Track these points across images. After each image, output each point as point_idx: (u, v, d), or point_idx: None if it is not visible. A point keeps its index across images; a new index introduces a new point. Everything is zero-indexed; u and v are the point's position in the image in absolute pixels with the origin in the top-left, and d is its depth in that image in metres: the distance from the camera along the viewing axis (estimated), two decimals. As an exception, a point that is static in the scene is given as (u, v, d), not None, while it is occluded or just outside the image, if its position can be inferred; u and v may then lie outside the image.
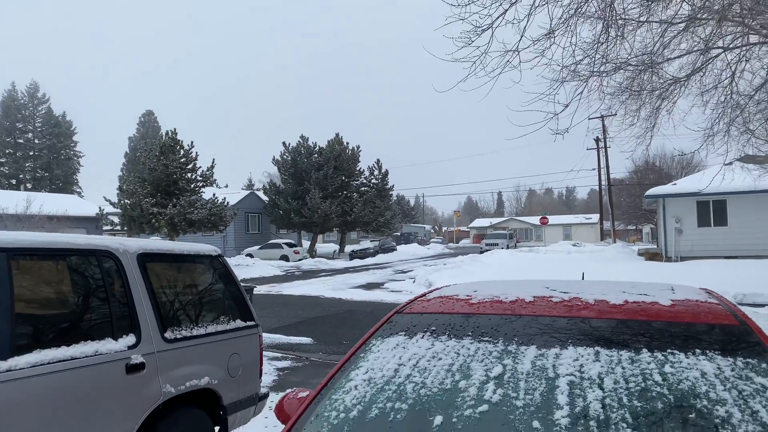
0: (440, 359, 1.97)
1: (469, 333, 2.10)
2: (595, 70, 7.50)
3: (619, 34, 7.23)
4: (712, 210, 23.29)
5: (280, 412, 2.35)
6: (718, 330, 1.98)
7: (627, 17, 7.40)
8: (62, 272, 3.31)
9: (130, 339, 3.43)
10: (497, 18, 6.62)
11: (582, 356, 1.85)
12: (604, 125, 39.77)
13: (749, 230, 22.45)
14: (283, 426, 2.15)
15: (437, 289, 2.83)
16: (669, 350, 1.83)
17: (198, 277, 4.29)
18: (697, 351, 1.81)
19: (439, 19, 6.86)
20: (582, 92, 7.75)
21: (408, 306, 2.53)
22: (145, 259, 3.72)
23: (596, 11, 6.76)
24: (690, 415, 1.57)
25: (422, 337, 2.14)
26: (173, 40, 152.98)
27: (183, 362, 3.74)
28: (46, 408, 2.91)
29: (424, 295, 2.70)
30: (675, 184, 25.92)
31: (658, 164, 53.78)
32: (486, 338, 2.04)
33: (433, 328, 2.19)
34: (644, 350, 1.84)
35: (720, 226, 23.18)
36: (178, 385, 3.65)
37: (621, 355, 1.83)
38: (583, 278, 3.42)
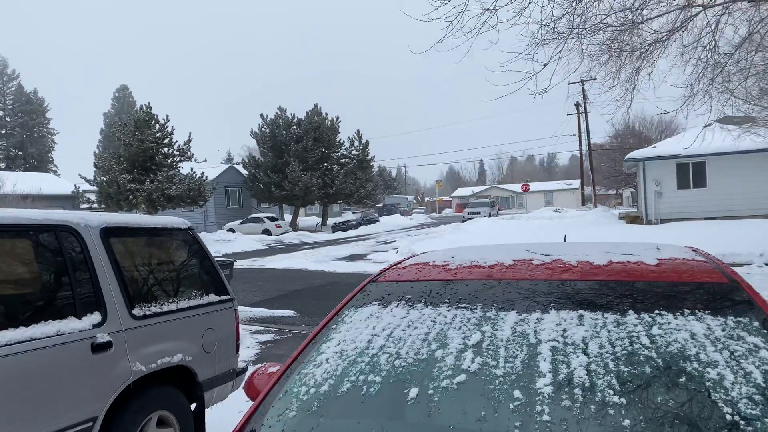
0: (416, 328, 1.86)
1: (446, 300, 1.98)
2: (574, 27, 7.34)
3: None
4: (692, 172, 23.43)
5: (250, 389, 2.24)
6: (707, 288, 1.88)
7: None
8: (20, 249, 3.14)
9: (96, 317, 3.27)
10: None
11: (565, 320, 1.74)
12: (583, 89, 39.64)
13: (728, 191, 22.66)
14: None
15: (414, 256, 2.70)
16: (656, 311, 1.73)
17: (167, 251, 4.13)
18: (686, 311, 1.71)
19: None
20: (561, 51, 7.60)
21: (383, 274, 2.41)
22: (109, 233, 3.54)
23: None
24: (680, 379, 1.48)
25: (397, 306, 2.03)
26: (146, 13, 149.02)
27: (154, 339, 3.60)
28: (6, 390, 2.77)
29: (399, 262, 2.58)
30: (655, 147, 26.02)
31: (638, 128, 54.06)
32: (464, 305, 1.93)
33: (409, 296, 2.08)
34: (630, 312, 1.74)
35: (699, 188, 23.36)
36: (149, 363, 3.51)
37: (606, 318, 1.73)
38: (565, 241, 3.32)
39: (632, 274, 1.98)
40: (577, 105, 43.92)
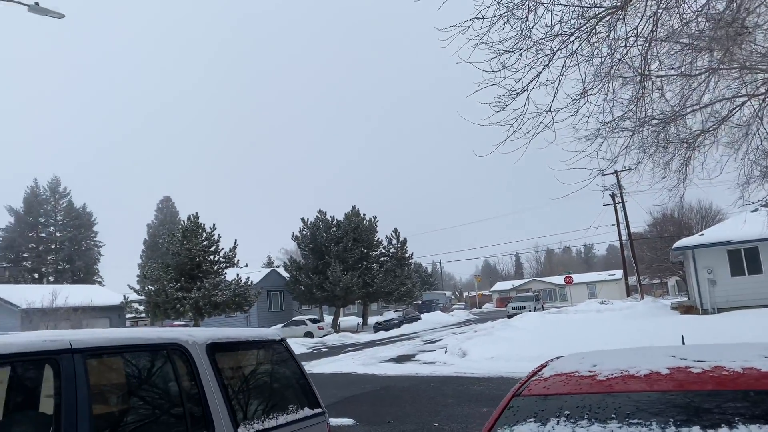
0: None
1: (612, 415, 1.90)
2: (638, 121, 7.52)
3: (657, 87, 7.26)
4: (745, 258, 22.78)
5: None
6: None
7: (662, 74, 7.44)
8: (136, 369, 3.18)
9: (205, 438, 3.22)
10: (531, 81, 6.67)
11: None
12: (618, 180, 39.81)
13: (786, 276, 21.86)
14: None
15: (545, 366, 2.63)
16: None
17: (264, 365, 4.12)
18: None
19: (457, 86, 6.95)
20: (627, 146, 7.72)
21: (525, 388, 2.33)
22: (214, 349, 3.57)
23: (631, 67, 6.82)
24: None
25: (558, 423, 1.94)
26: (188, 129, 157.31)
27: (257, 459, 3.50)
28: None
29: (535, 372, 2.51)
30: (702, 234, 25.54)
31: (677, 215, 53.39)
32: (635, 420, 1.84)
33: (567, 412, 1.99)
34: None
35: (755, 274, 22.60)
36: (253, 484, 3.40)
37: None
38: (683, 342, 3.21)
39: None
40: (613, 195, 43.85)
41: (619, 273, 65.29)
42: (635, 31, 6.45)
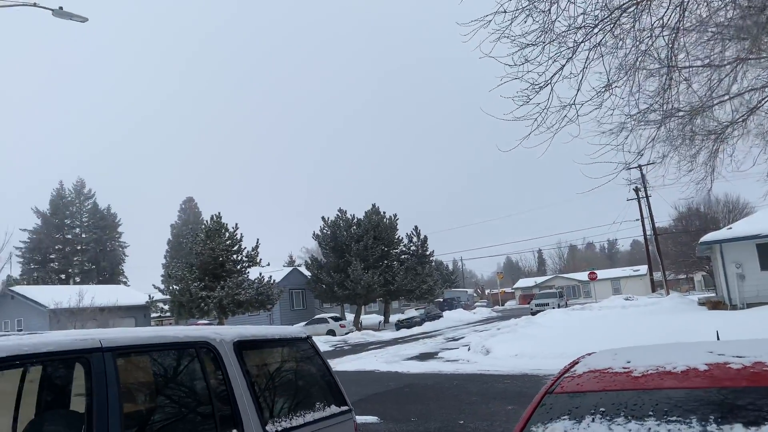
0: None
1: (650, 412, 1.85)
2: (666, 113, 7.38)
3: (684, 78, 7.13)
4: (775, 252, 22.32)
5: None
6: None
7: (688, 65, 7.30)
8: (165, 367, 3.20)
9: (234, 436, 3.23)
10: (554, 74, 6.59)
11: None
12: (643, 174, 39.26)
13: (819, 270, 21.36)
14: None
15: (577, 362, 2.58)
16: None
17: (290, 362, 4.12)
18: None
19: (479, 82, 6.88)
20: (654, 139, 7.58)
21: (557, 385, 2.28)
22: (242, 346, 3.57)
23: (656, 59, 6.70)
24: None
25: (593, 421, 1.90)
26: (204, 131, 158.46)
27: (285, 457, 3.50)
28: None
29: (567, 370, 2.46)
30: (731, 228, 25.07)
31: (703, 209, 52.50)
32: (674, 418, 1.79)
33: (602, 410, 1.94)
34: None
35: (786, 268, 22.13)
36: (281, 482, 3.40)
37: None
38: (718, 337, 3.14)
39: None
40: (637, 190, 43.22)
41: (643, 269, 64.45)
42: (661, 22, 6.33)
